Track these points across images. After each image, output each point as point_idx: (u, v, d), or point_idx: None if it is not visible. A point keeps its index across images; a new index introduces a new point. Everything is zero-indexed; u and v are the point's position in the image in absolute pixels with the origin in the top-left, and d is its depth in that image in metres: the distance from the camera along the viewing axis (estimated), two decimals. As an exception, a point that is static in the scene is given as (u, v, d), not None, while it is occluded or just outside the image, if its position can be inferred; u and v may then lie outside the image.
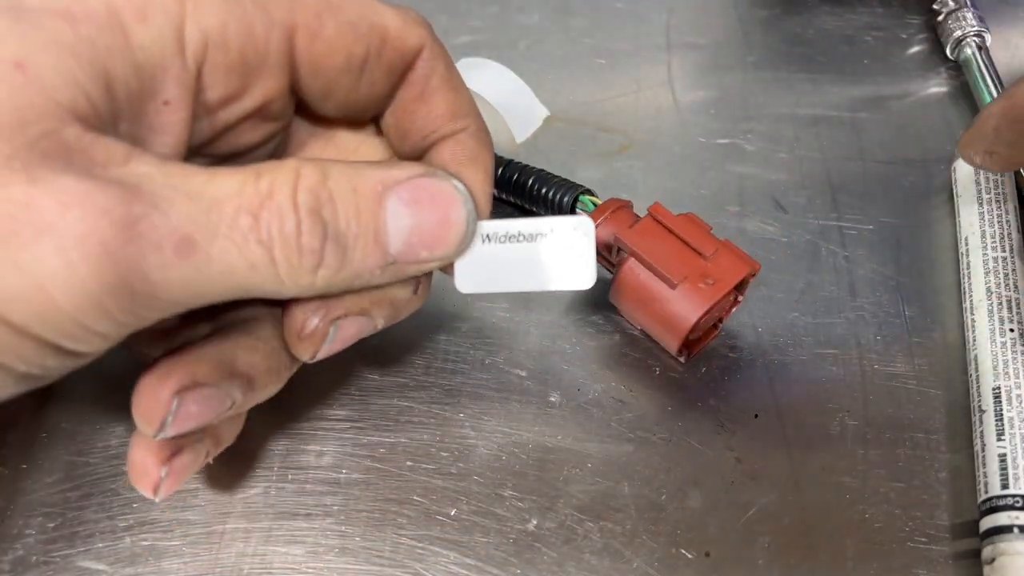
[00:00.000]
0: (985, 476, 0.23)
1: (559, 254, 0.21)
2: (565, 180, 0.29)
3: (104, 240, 0.14)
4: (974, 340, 0.25)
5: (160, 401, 0.18)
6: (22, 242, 0.14)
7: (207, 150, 0.20)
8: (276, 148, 0.22)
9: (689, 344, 0.26)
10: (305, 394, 0.26)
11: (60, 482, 0.24)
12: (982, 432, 0.23)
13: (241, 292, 0.17)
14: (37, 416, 0.25)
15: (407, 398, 0.26)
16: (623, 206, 0.26)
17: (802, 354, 0.27)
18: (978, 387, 0.24)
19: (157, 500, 0.21)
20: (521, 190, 0.29)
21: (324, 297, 0.19)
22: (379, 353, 0.27)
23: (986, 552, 0.22)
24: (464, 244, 0.20)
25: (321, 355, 0.20)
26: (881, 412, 0.25)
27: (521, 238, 0.21)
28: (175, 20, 0.16)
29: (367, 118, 0.22)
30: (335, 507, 0.24)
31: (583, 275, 0.21)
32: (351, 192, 0.17)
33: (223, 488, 0.24)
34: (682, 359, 0.26)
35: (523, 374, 0.26)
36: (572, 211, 0.28)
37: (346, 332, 0.20)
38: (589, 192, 0.28)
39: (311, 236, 0.17)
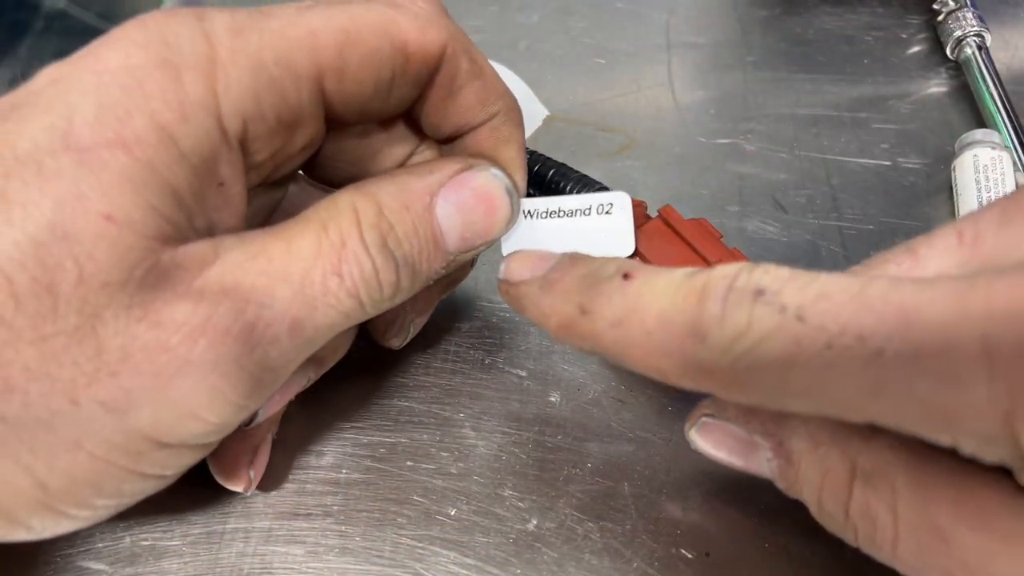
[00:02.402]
0: None
1: (598, 227, 0.22)
2: (584, 176, 0.29)
3: (234, 357, 0.16)
4: None
5: None
6: (166, 380, 0.16)
7: (258, 186, 0.21)
8: (316, 157, 0.23)
9: None
10: (305, 394, 0.26)
11: (60, 482, 0.24)
12: None
13: (334, 335, 0.19)
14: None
15: (407, 398, 0.26)
16: (637, 205, 0.26)
17: (802, 354, 0.27)
18: None
19: (248, 494, 0.24)
20: (540, 181, 0.29)
21: None
22: (379, 353, 0.27)
23: None
24: (511, 223, 0.21)
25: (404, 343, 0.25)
26: (881, 412, 0.25)
27: (561, 214, 0.22)
28: (212, 110, 0.17)
29: (398, 115, 0.22)
30: (335, 507, 0.24)
31: (623, 244, 0.22)
32: (404, 211, 0.19)
33: (223, 488, 0.24)
34: None
35: (523, 374, 0.26)
36: None
37: (421, 322, 0.24)
38: (604, 189, 0.28)
39: (386, 271, 0.18)
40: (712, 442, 0.20)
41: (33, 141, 0.15)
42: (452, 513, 0.24)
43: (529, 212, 0.22)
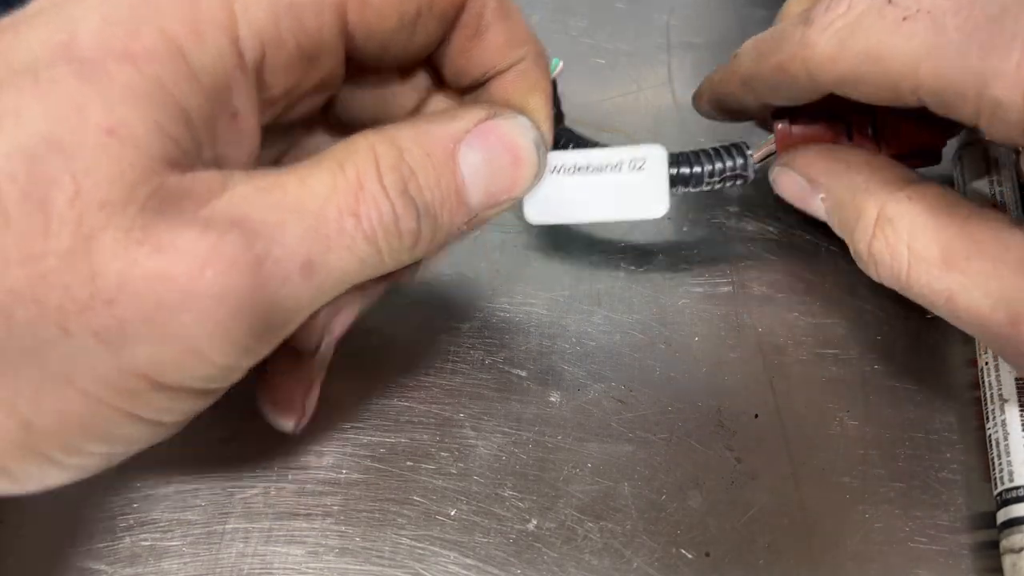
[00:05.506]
0: (1010, 465, 0.22)
1: (632, 184, 0.21)
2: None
3: (241, 292, 0.15)
4: None
5: (316, 327, 0.21)
6: (168, 313, 0.14)
7: (270, 127, 0.20)
8: (329, 102, 0.21)
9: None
10: (305, 394, 0.26)
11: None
12: (1004, 421, 0.23)
13: (349, 286, 0.17)
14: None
15: (407, 398, 0.26)
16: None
17: (802, 354, 0.27)
18: (997, 376, 0.24)
19: (296, 432, 0.23)
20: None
21: None
22: (379, 353, 0.27)
23: (1015, 540, 0.21)
24: (537, 179, 0.20)
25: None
26: (881, 412, 0.25)
27: (591, 169, 0.21)
28: (229, 31, 0.16)
29: (420, 60, 0.22)
30: (335, 507, 0.24)
31: (656, 204, 0.21)
32: (426, 158, 0.18)
33: (223, 488, 0.24)
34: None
35: (523, 374, 0.26)
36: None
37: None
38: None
39: (407, 218, 0.17)
40: (784, 185, 0.25)
41: (30, 52, 0.14)
42: (452, 513, 0.24)
43: (556, 167, 0.21)
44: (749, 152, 0.27)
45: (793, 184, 0.24)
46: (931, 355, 0.27)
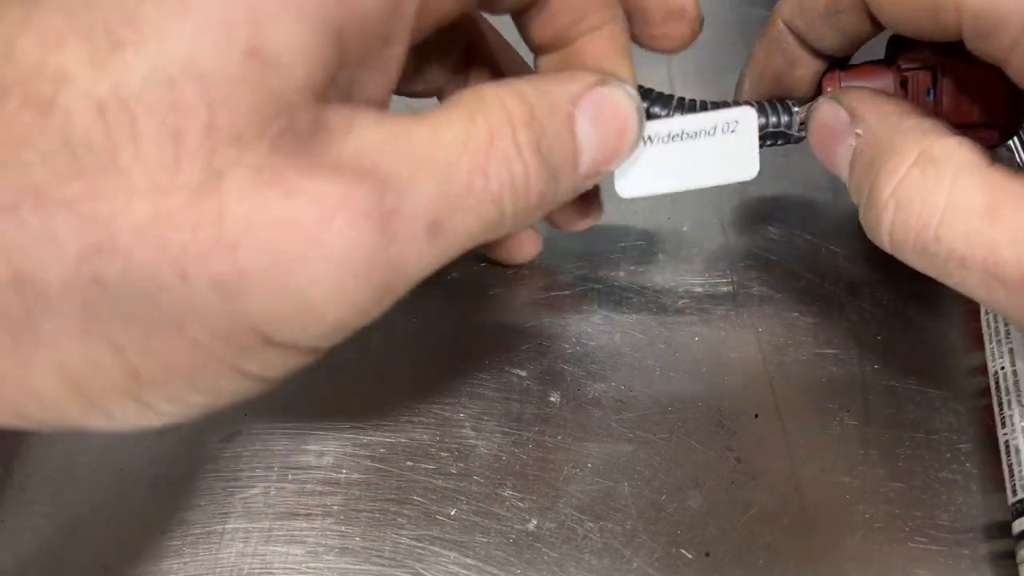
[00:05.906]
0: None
1: (721, 148, 0.20)
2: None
3: (368, 249, 0.14)
4: (1006, 333, 0.25)
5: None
6: (289, 264, 0.13)
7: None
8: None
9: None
10: (305, 394, 0.26)
11: (58, 481, 0.24)
12: (1023, 427, 0.23)
13: (466, 250, 0.16)
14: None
15: (407, 398, 0.26)
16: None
17: (802, 354, 0.27)
18: (1015, 381, 0.24)
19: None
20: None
21: None
22: (379, 353, 0.27)
23: None
24: (633, 150, 0.19)
25: None
26: (881, 412, 0.25)
27: (684, 136, 0.20)
28: None
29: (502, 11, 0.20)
30: (335, 507, 0.24)
31: (747, 166, 0.21)
32: (552, 117, 0.17)
33: (223, 488, 0.24)
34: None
35: (523, 374, 0.26)
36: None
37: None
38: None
39: (538, 179, 0.16)
40: (823, 116, 0.22)
41: None
42: (452, 513, 0.24)
43: (649, 137, 0.20)
44: (796, 110, 0.25)
45: (833, 116, 0.21)
46: (931, 355, 0.27)
